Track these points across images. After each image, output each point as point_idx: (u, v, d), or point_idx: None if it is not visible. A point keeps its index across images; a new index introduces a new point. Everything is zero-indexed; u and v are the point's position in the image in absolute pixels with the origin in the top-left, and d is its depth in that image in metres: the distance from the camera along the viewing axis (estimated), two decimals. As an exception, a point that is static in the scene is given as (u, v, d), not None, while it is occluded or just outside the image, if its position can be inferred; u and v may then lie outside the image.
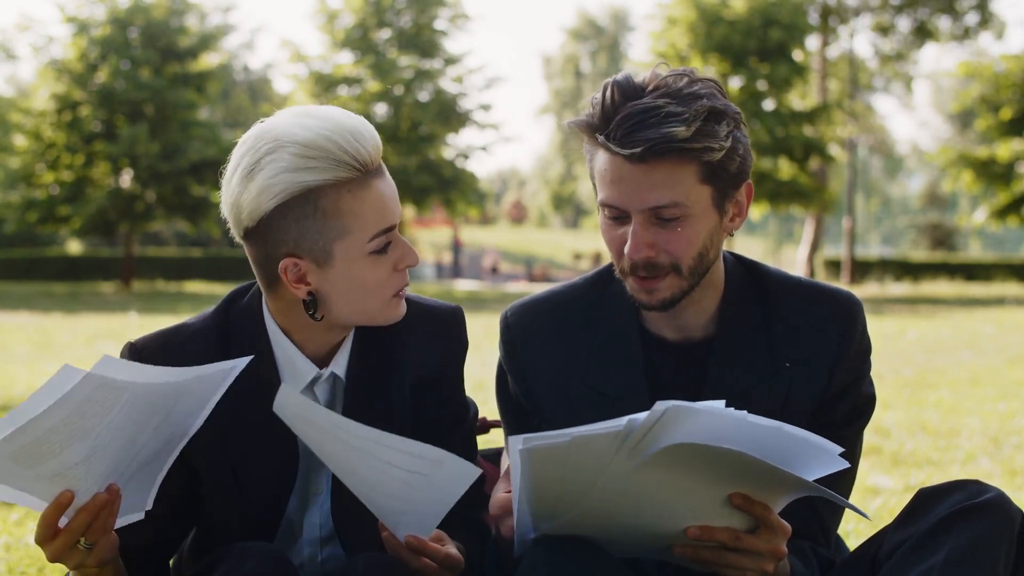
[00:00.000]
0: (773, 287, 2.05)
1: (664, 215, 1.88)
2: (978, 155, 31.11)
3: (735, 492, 1.70)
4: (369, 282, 1.87)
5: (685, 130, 1.83)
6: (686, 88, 1.87)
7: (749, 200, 1.99)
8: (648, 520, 1.75)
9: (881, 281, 38.79)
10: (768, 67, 30.41)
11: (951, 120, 66.59)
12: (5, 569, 3.36)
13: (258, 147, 1.83)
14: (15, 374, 9.11)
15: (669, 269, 1.91)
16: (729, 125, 1.88)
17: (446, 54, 33.31)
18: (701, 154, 1.85)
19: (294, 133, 1.80)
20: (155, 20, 31.03)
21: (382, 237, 1.86)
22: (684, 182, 1.87)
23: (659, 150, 1.83)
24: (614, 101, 1.88)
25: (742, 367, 1.99)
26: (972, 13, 39.27)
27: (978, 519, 1.75)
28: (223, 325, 1.97)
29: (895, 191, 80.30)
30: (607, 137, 1.86)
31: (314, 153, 1.79)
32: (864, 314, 2.06)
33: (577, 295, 2.10)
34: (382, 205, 1.85)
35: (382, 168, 1.87)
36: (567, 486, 1.70)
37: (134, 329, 14.38)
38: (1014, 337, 13.67)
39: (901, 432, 6.26)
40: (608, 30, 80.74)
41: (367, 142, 1.82)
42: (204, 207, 30.67)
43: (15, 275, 36.26)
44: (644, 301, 1.94)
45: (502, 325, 2.11)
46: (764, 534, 1.74)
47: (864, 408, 2.05)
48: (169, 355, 1.90)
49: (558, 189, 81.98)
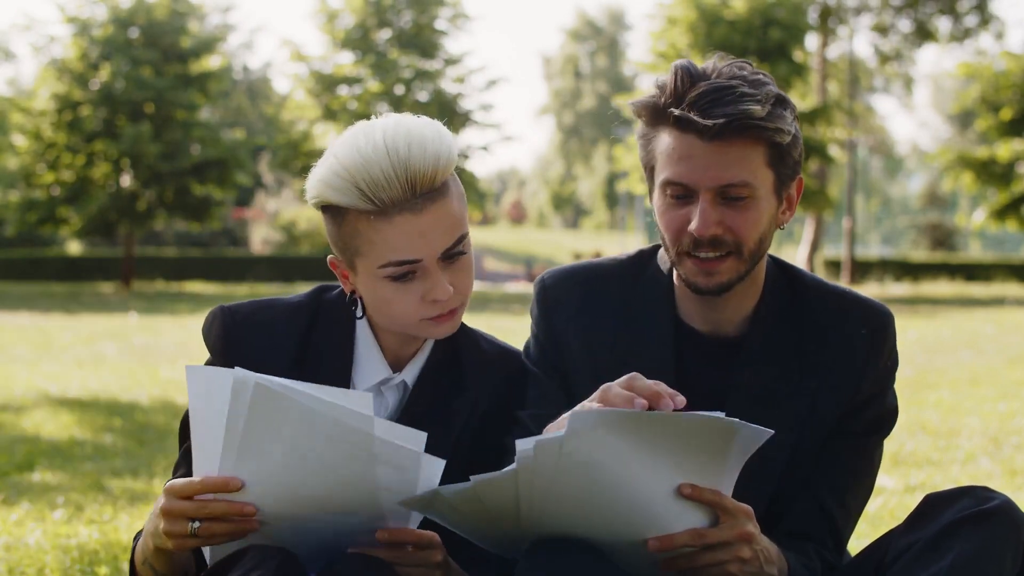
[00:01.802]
0: (808, 292, 2.05)
1: (732, 194, 1.89)
2: (978, 155, 31.07)
3: (681, 483, 1.68)
4: (394, 304, 1.89)
5: (760, 109, 1.85)
6: (752, 75, 1.90)
7: (798, 195, 2.00)
8: (606, 533, 1.73)
9: (881, 281, 38.76)
10: (768, 67, 30.36)
11: (951, 120, 66.56)
12: (5, 569, 3.36)
13: (331, 144, 1.91)
14: (15, 374, 9.10)
15: (732, 248, 1.91)
16: (792, 113, 1.91)
17: (446, 54, 33.28)
18: (773, 135, 1.87)
19: (344, 148, 1.85)
20: (156, 20, 30.99)
21: (395, 268, 1.86)
22: (754, 163, 1.88)
23: (737, 126, 1.84)
24: (685, 82, 1.89)
25: (770, 369, 1.99)
26: (972, 13, 39.25)
27: (985, 525, 1.76)
28: (315, 304, 2.02)
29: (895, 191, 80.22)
30: (684, 111, 1.86)
31: (340, 178, 1.83)
32: (895, 327, 2.05)
33: (615, 272, 2.10)
34: (401, 240, 1.84)
35: (415, 203, 1.83)
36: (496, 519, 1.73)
37: (134, 329, 14.37)
38: (1014, 337, 13.66)
39: (901, 432, 6.25)
40: (606, 30, 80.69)
41: (396, 179, 1.81)
42: (205, 207, 30.64)
43: (15, 275, 36.22)
44: (701, 284, 1.93)
45: (537, 288, 2.12)
46: (725, 521, 1.73)
47: (887, 420, 2.05)
48: (260, 323, 1.98)
49: (558, 189, 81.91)
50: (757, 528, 1.76)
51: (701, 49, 30.39)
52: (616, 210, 73.96)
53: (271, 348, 1.97)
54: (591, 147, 77.43)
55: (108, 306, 20.80)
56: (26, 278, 35.81)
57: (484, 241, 60.00)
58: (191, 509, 1.69)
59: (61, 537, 3.76)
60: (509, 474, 1.65)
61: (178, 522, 1.70)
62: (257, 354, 1.96)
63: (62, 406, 7.30)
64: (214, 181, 30.43)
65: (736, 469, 1.74)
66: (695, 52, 30.19)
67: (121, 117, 30.04)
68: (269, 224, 48.40)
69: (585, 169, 79.31)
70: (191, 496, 1.69)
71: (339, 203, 1.85)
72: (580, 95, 78.92)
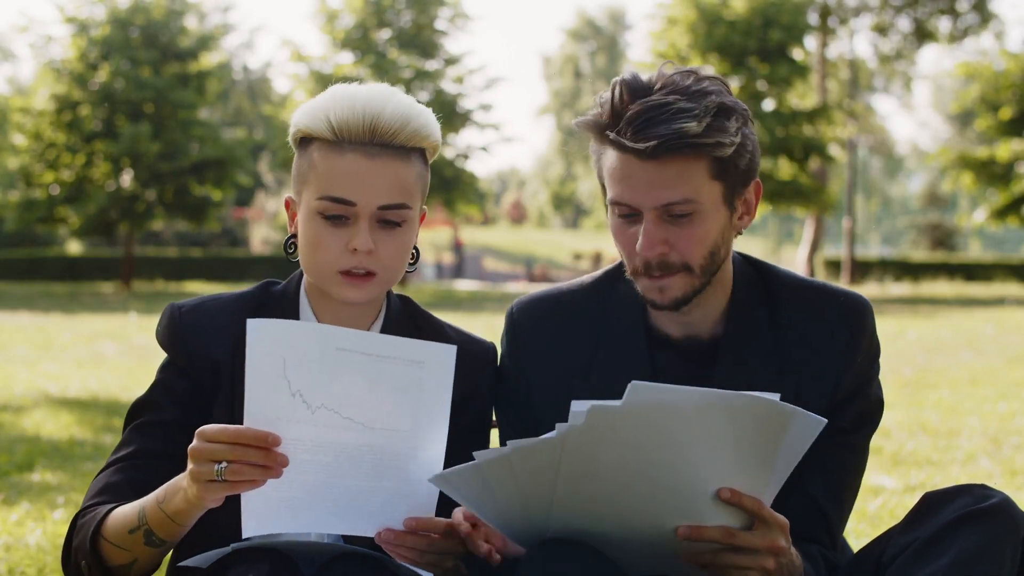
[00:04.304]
0: (781, 288, 2.04)
1: (675, 212, 1.88)
2: (978, 155, 31.08)
3: (722, 488, 1.68)
4: (319, 247, 1.93)
5: (696, 125, 1.82)
6: (694, 85, 1.87)
7: (757, 198, 1.98)
8: (635, 520, 1.73)
9: (881, 281, 38.77)
10: (768, 67, 30.40)
11: (951, 120, 66.55)
12: (5, 569, 3.36)
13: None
14: (15, 374, 9.11)
15: (680, 267, 1.91)
16: (738, 121, 1.88)
17: (446, 54, 33.29)
18: (712, 150, 1.85)
19: (333, 88, 1.97)
20: (155, 20, 31.00)
21: (330, 203, 1.91)
22: (695, 178, 1.87)
23: (671, 146, 1.83)
24: (623, 99, 1.87)
25: (749, 368, 1.98)
26: (972, 13, 39.26)
27: (984, 523, 1.75)
28: (261, 295, 2.06)
29: (895, 191, 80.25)
30: (618, 133, 1.86)
31: (315, 107, 1.95)
32: (873, 316, 2.04)
33: (584, 294, 2.09)
34: (342, 175, 1.91)
35: (369, 148, 1.92)
36: (527, 495, 1.72)
37: (134, 329, 14.37)
38: (1014, 337, 13.66)
39: (901, 432, 6.26)
40: (606, 30, 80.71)
41: (361, 119, 1.91)
42: (205, 207, 30.65)
43: (15, 275, 36.22)
44: (656, 300, 1.94)
45: (507, 319, 2.11)
46: (759, 529, 1.72)
47: (873, 413, 2.04)
48: (204, 311, 2.01)
49: (558, 189, 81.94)
50: (789, 542, 1.76)
51: (701, 49, 30.41)
52: (616, 210, 73.90)
53: (215, 333, 1.99)
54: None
55: (108, 306, 20.81)
56: (26, 278, 35.82)
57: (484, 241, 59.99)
58: (222, 451, 1.68)
59: (61, 537, 3.75)
60: (553, 440, 1.64)
61: (205, 465, 1.68)
62: (202, 338, 1.99)
63: (62, 406, 7.30)
64: (213, 181, 30.43)
65: (787, 468, 1.73)
66: (695, 52, 30.22)
67: (120, 117, 30.05)
68: (269, 224, 48.43)
69: (585, 169, 79.24)
70: (223, 441, 1.68)
71: (308, 130, 1.94)
72: (580, 95, 78.93)
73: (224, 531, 1.92)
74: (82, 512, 1.94)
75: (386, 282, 1.97)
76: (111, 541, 1.86)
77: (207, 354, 1.97)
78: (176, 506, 1.78)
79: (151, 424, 1.99)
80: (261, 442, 1.67)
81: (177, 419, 1.96)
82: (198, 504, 1.74)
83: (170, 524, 1.80)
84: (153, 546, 1.83)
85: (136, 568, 1.88)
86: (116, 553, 1.86)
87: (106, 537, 1.86)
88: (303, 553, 1.84)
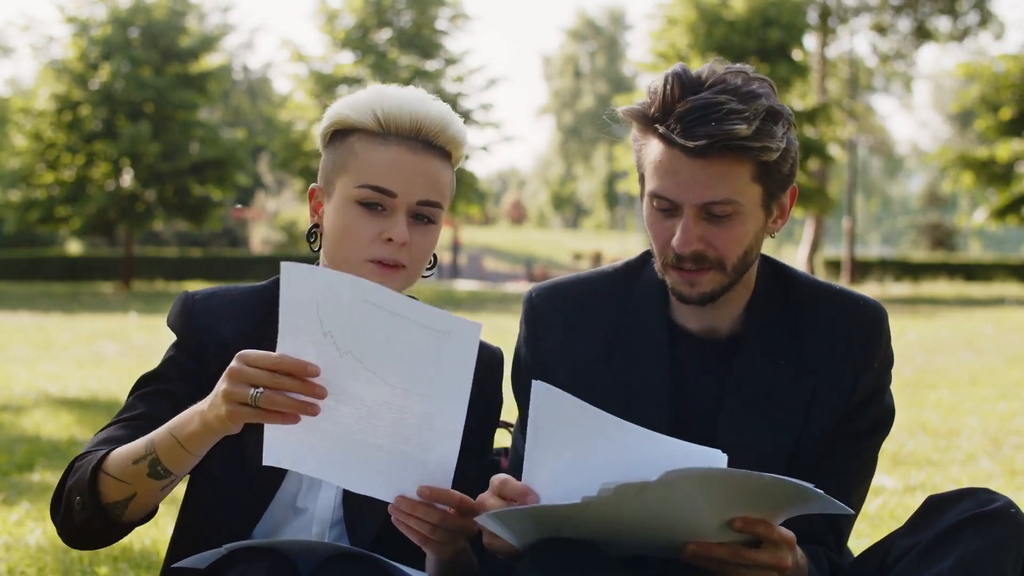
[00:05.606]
0: (800, 290, 2.04)
1: (716, 211, 1.88)
2: (978, 155, 31.07)
3: (736, 517, 1.69)
4: (350, 233, 1.94)
5: (746, 128, 1.83)
6: (745, 86, 1.87)
7: (792, 203, 1.99)
8: (647, 537, 1.76)
9: (881, 281, 38.76)
10: (768, 67, 30.39)
11: (951, 120, 66.56)
12: (5, 569, 3.36)
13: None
14: (15, 374, 9.11)
15: (714, 264, 1.91)
16: (784, 126, 1.89)
17: (446, 54, 33.29)
18: (759, 153, 1.85)
19: (377, 85, 2.03)
20: (156, 20, 30.99)
21: (370, 191, 1.93)
22: (738, 180, 1.87)
23: (720, 146, 1.83)
24: (674, 92, 1.87)
25: (766, 368, 1.98)
26: (972, 13, 39.25)
27: (987, 527, 1.75)
28: (276, 290, 2.03)
29: (895, 191, 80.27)
30: (667, 128, 1.86)
31: (362, 100, 1.98)
32: (889, 324, 2.05)
33: (607, 283, 2.09)
34: (385, 166, 1.94)
35: (414, 143, 1.96)
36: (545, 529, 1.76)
37: (134, 329, 14.37)
38: (1014, 337, 13.66)
39: (901, 432, 6.26)
40: (606, 30, 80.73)
41: (409, 115, 1.95)
42: (205, 207, 30.64)
43: (15, 275, 36.22)
44: (685, 293, 1.94)
45: (526, 305, 2.09)
46: (768, 548, 1.73)
47: (885, 419, 2.04)
48: (219, 298, 2.03)
49: (558, 189, 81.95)
50: (795, 557, 1.77)
51: (701, 49, 30.40)
52: (616, 210, 74.02)
53: (227, 320, 2.00)
54: (591, 147, 77.43)
55: (108, 306, 20.81)
56: (26, 278, 35.81)
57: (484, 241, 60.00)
58: (261, 376, 1.67)
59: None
60: (576, 505, 1.67)
61: (240, 386, 1.68)
62: (214, 323, 1.99)
63: (62, 406, 7.30)
64: (213, 181, 30.43)
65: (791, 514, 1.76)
66: (695, 52, 30.21)
67: (121, 117, 30.04)
68: (269, 224, 48.43)
69: (585, 169, 79.35)
70: (262, 367, 1.68)
71: (352, 121, 1.96)
72: (580, 95, 78.95)
73: (224, 532, 1.92)
74: (80, 456, 1.93)
75: (410, 278, 1.99)
76: (112, 474, 1.85)
77: (217, 338, 1.98)
78: (191, 430, 1.76)
79: (158, 392, 1.99)
80: (300, 371, 1.67)
81: (184, 393, 1.95)
82: (219, 427, 1.73)
83: (180, 451, 1.78)
84: (156, 478, 1.81)
85: (131, 507, 1.86)
86: (115, 487, 1.84)
87: (107, 471, 1.85)
88: (301, 553, 1.84)
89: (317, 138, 2.06)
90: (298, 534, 1.98)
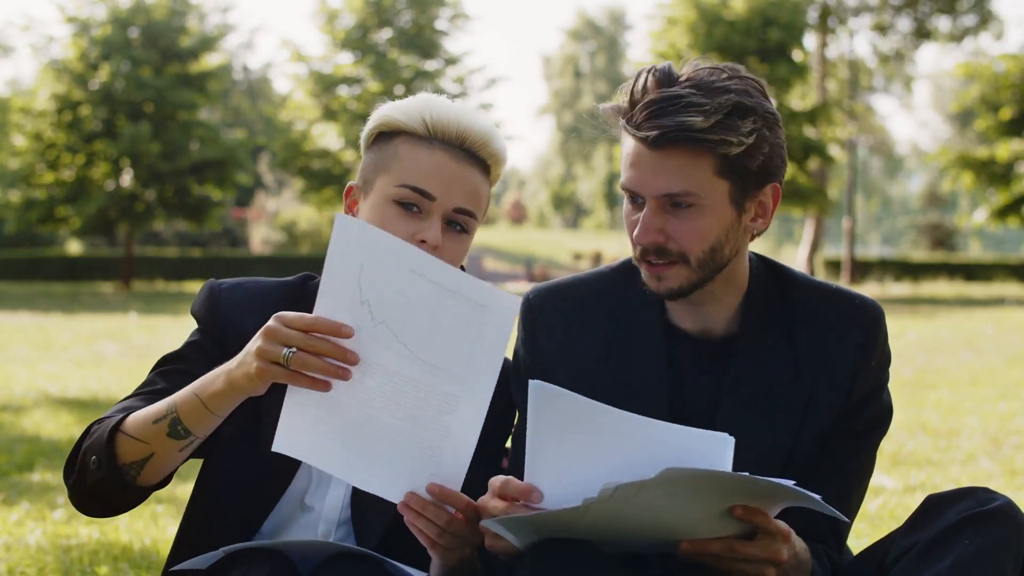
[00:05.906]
0: (797, 290, 2.04)
1: (676, 203, 1.88)
2: (978, 155, 31.08)
3: (735, 506, 1.70)
4: (383, 227, 1.92)
5: (702, 121, 1.83)
6: (717, 82, 1.87)
7: (775, 203, 1.97)
8: (645, 534, 1.77)
9: (881, 281, 38.77)
10: (768, 67, 30.40)
11: (951, 120, 66.56)
12: (5, 569, 3.36)
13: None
14: (15, 374, 9.11)
15: (677, 258, 1.91)
16: (756, 123, 1.87)
17: (446, 54, 33.31)
18: (716, 147, 1.85)
19: (424, 94, 2.05)
20: (156, 20, 31.02)
21: (410, 192, 1.95)
22: (698, 172, 1.87)
23: (672, 137, 1.84)
24: (644, 88, 1.88)
25: (763, 367, 1.98)
26: (971, 13, 39.26)
27: (986, 526, 1.75)
28: (301, 286, 2.08)
29: (895, 191, 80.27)
30: (629, 120, 1.88)
31: (411, 105, 2.01)
32: (886, 323, 2.04)
33: (604, 283, 2.09)
34: (427, 169, 1.96)
35: (458, 151, 1.98)
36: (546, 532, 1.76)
37: (134, 329, 14.38)
38: (1014, 337, 13.66)
39: (901, 432, 6.26)
40: (606, 30, 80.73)
41: (456, 123, 1.98)
42: (205, 207, 30.64)
43: (15, 275, 36.23)
44: (653, 288, 1.95)
45: (524, 306, 2.08)
46: (762, 540, 1.73)
47: (883, 419, 2.04)
48: (245, 289, 2.04)
49: (558, 189, 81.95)
50: (791, 550, 1.78)
51: (701, 49, 30.41)
52: (616, 210, 73.98)
53: (250, 311, 2.00)
54: (591, 147, 77.44)
55: (108, 306, 20.81)
56: (26, 278, 35.82)
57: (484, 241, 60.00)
58: (296, 337, 1.69)
59: (61, 537, 3.76)
60: (577, 508, 1.68)
61: (274, 345, 1.70)
62: (237, 313, 2.00)
63: (62, 406, 7.31)
64: (213, 181, 30.43)
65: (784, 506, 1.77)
66: (695, 52, 30.20)
67: (121, 117, 30.06)
68: (269, 224, 48.42)
69: (585, 169, 79.34)
70: (297, 328, 1.70)
71: (399, 123, 1.99)
72: (580, 95, 78.93)
73: (232, 525, 1.93)
74: (98, 420, 1.93)
75: None
76: (130, 434, 1.85)
77: (240, 327, 1.98)
78: (216, 388, 1.78)
79: (178, 371, 2.00)
80: (334, 331, 1.69)
81: (204, 374, 1.94)
82: (246, 386, 1.74)
83: (202, 411, 1.79)
84: (176, 437, 1.82)
85: (147, 469, 1.86)
86: (132, 447, 1.85)
87: (125, 431, 1.86)
88: (301, 553, 1.84)
89: (361, 140, 2.08)
90: (304, 532, 1.98)
